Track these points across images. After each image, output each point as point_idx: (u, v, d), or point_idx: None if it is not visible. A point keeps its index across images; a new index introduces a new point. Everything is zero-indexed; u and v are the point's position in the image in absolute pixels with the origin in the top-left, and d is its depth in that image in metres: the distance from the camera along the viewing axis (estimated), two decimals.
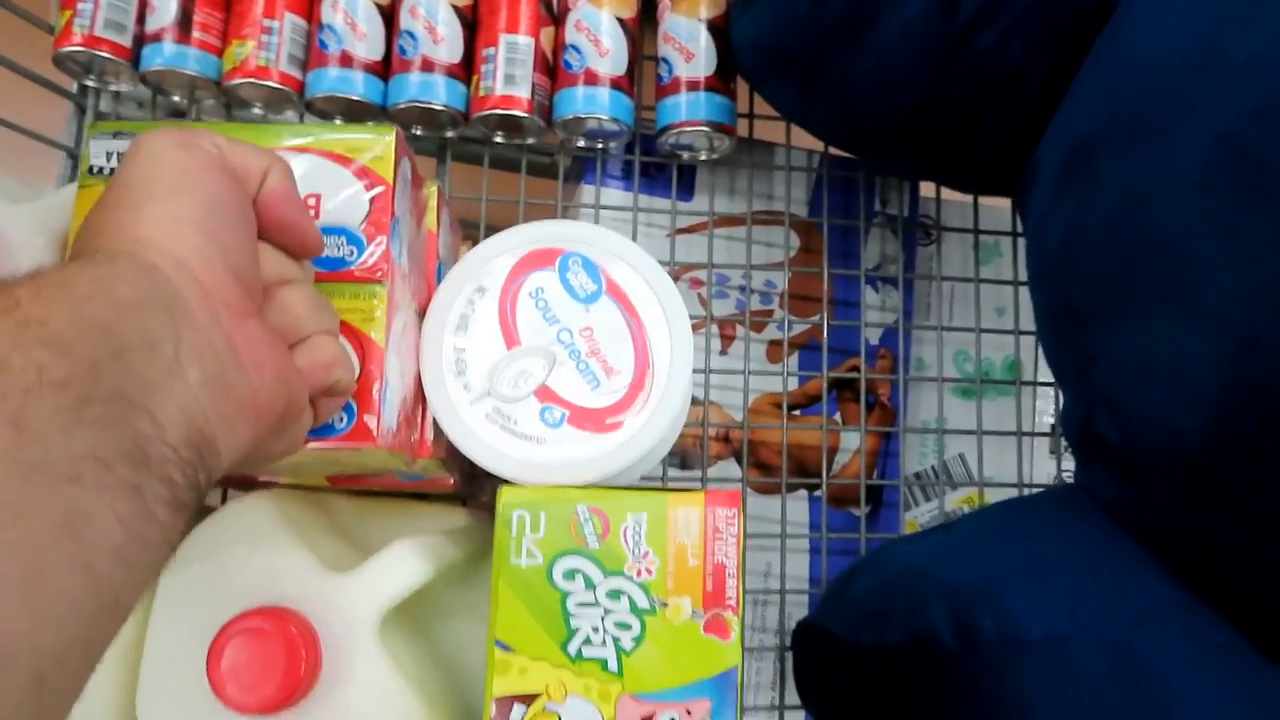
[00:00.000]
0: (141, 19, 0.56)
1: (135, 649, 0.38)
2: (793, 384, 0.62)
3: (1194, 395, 0.37)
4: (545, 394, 0.39)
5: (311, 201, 0.35)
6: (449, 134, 0.59)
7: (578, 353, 0.39)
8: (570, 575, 0.36)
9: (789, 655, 0.53)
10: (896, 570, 0.47)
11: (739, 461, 0.59)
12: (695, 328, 0.62)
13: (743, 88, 0.58)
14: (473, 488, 0.48)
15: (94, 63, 0.55)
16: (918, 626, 0.43)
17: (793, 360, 0.62)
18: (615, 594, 0.36)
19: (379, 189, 0.36)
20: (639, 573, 0.36)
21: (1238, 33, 0.35)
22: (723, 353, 0.62)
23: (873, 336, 0.63)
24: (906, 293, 0.64)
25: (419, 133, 0.59)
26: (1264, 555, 0.36)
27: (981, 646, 0.41)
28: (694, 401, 0.60)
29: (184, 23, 0.55)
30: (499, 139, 0.59)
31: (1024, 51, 0.45)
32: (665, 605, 0.36)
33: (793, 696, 0.54)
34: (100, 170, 0.36)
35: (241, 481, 0.42)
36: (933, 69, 0.46)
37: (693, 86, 0.56)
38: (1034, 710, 0.40)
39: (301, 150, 0.36)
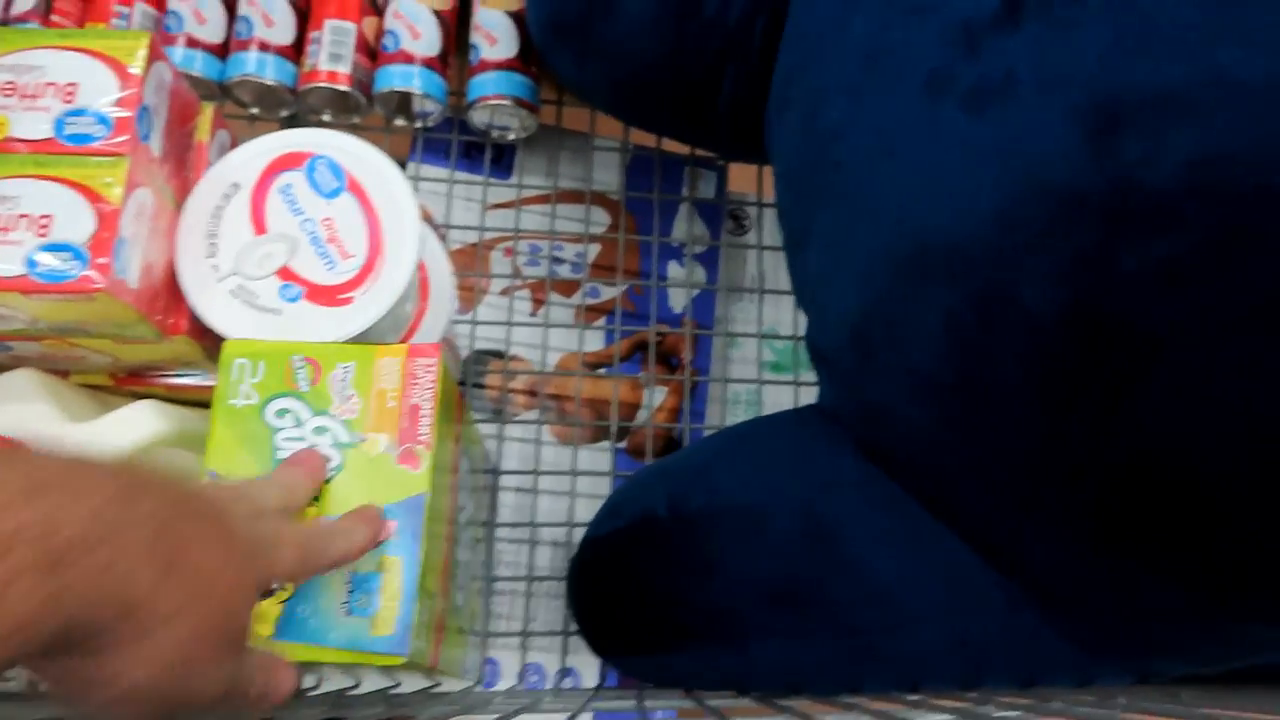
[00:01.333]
0: (8, 7, 0.62)
1: None
2: (600, 345, 0.67)
3: (852, 274, 0.42)
4: (286, 274, 0.43)
5: (70, 90, 0.41)
6: (283, 113, 0.65)
7: (318, 239, 0.44)
8: (281, 414, 0.40)
9: None
10: (641, 474, 0.51)
11: (540, 411, 0.64)
12: (504, 292, 0.67)
13: (556, 81, 0.65)
14: None
15: None
16: (642, 507, 0.47)
17: (598, 323, 0.67)
18: (321, 430, 0.40)
19: (131, 81, 0.41)
20: (343, 412, 0.40)
21: None
22: (533, 314, 0.67)
23: (678, 305, 0.69)
24: (710, 267, 0.70)
25: (255, 112, 0.65)
26: (908, 412, 0.41)
27: (690, 516, 0.45)
28: (497, 355, 0.65)
29: (46, 10, 0.62)
30: (327, 118, 0.65)
31: (742, 12, 0.52)
32: (364, 440, 0.40)
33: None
34: None
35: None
36: (669, 31, 0.53)
37: (497, 66, 0.63)
38: (728, 561, 0.43)
39: (63, 47, 0.41)
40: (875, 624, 0.43)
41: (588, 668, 0.61)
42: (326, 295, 0.43)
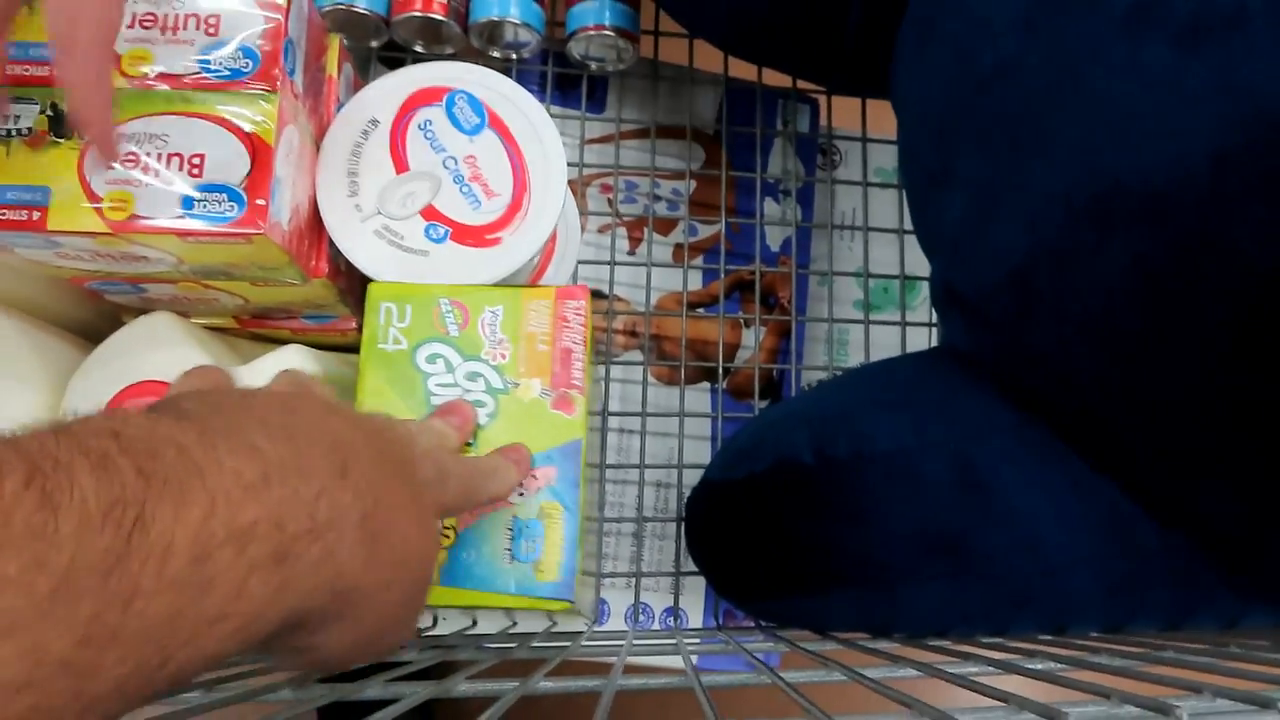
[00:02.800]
0: None
1: None
2: (697, 283, 0.66)
3: (1016, 218, 0.41)
4: (431, 213, 0.42)
5: (213, 20, 0.39)
6: (373, 44, 0.63)
7: (461, 177, 0.43)
8: (432, 359, 0.39)
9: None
10: (771, 416, 0.51)
11: (643, 351, 0.63)
12: (603, 229, 0.66)
13: (652, 10, 0.63)
14: None
15: None
16: (782, 453, 0.46)
17: (697, 262, 0.66)
18: (473, 375, 0.39)
19: (275, 9, 0.40)
20: (494, 357, 0.39)
21: None
22: (630, 252, 0.65)
23: (775, 243, 0.67)
24: (805, 205, 0.68)
25: (346, 42, 0.63)
26: (1078, 360, 0.40)
27: (836, 461, 0.44)
28: (600, 295, 0.64)
29: None
30: (419, 49, 0.63)
31: None
32: (517, 385, 0.39)
33: (689, 564, 0.57)
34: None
35: None
36: None
37: None
38: (880, 509, 0.43)
39: None
40: (1028, 570, 0.42)
41: (694, 608, 0.61)
42: (474, 235, 0.42)
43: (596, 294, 0.65)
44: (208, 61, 0.39)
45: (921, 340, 0.66)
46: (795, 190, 0.68)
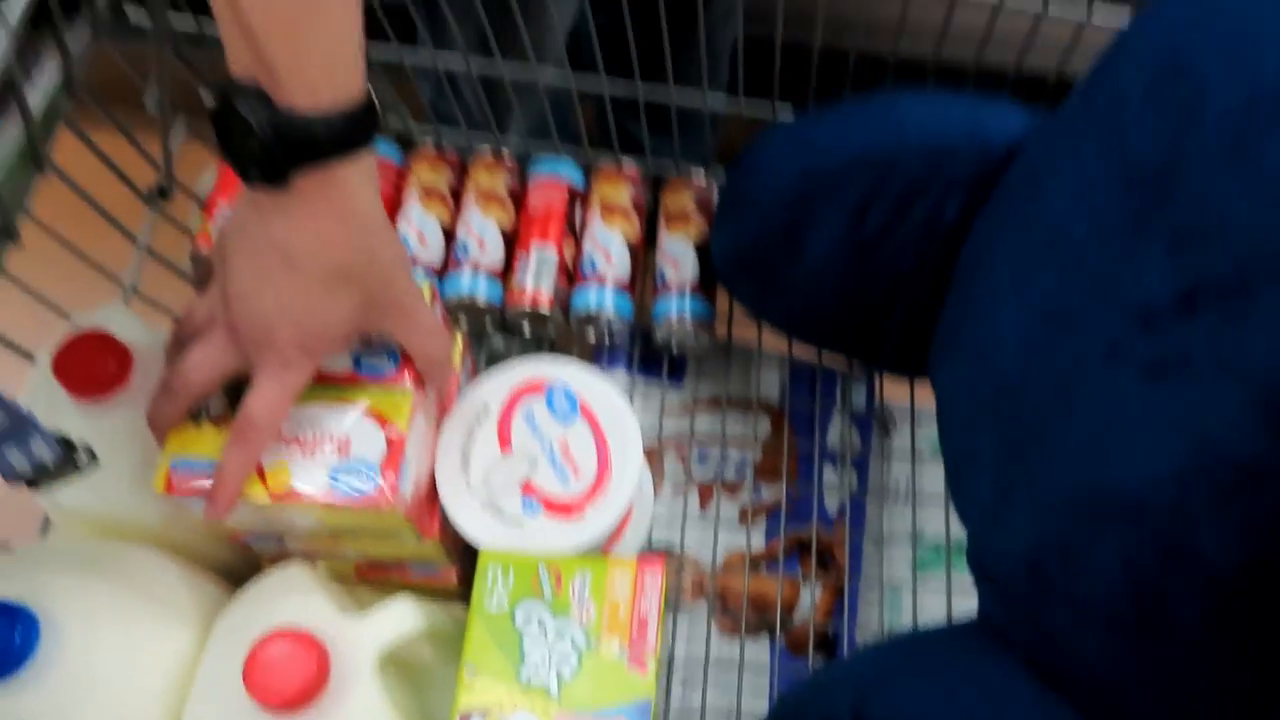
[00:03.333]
0: None
1: (187, 683, 0.48)
2: (760, 543, 0.71)
3: (1026, 507, 0.47)
4: (528, 488, 0.50)
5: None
6: (489, 326, 0.74)
7: (555, 458, 0.51)
8: (528, 618, 0.46)
9: None
10: (819, 679, 0.55)
11: (708, 604, 0.68)
12: (677, 491, 0.73)
13: (727, 299, 0.73)
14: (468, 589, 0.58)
15: None
16: (826, 713, 0.51)
17: (760, 523, 0.72)
18: (561, 634, 0.45)
19: None
20: (581, 618, 0.46)
21: (1037, 243, 0.48)
22: (700, 512, 0.72)
23: (833, 508, 0.74)
24: (861, 472, 0.75)
25: (463, 323, 0.74)
26: (1086, 641, 0.44)
27: None
28: (671, 551, 0.70)
29: None
30: (526, 331, 0.74)
31: (916, 258, 0.59)
32: (599, 644, 0.45)
33: None
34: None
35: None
36: (848, 271, 0.60)
37: (681, 290, 0.71)
38: None
39: None
40: None
41: None
42: (562, 508, 0.50)
43: (668, 551, 0.71)
44: (360, 360, 0.49)
45: (968, 603, 0.69)
46: (852, 460, 0.75)
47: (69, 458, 0.45)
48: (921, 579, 0.70)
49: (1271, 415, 0.35)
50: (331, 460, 0.46)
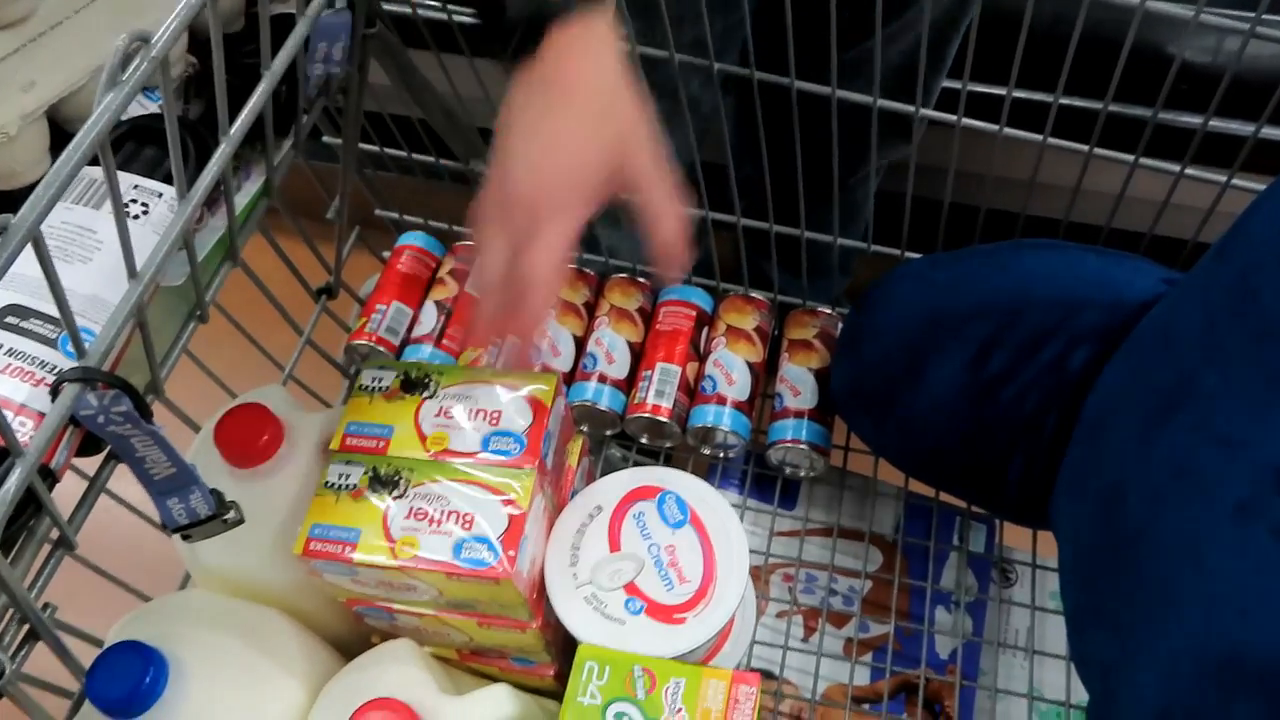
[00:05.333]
0: (411, 329, 0.79)
1: None
2: (864, 679, 0.69)
3: (1154, 667, 0.44)
4: (632, 589, 0.51)
5: (497, 414, 0.53)
6: (608, 433, 0.77)
7: (661, 562, 0.52)
8: (620, 716, 0.46)
9: None
10: None
11: None
12: (780, 615, 0.72)
13: (844, 428, 0.73)
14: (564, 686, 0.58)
15: (371, 353, 0.78)
16: None
17: (865, 659, 0.70)
18: None
19: (540, 411, 0.53)
20: None
21: (1166, 395, 0.48)
22: (804, 640, 0.71)
23: (944, 652, 0.71)
24: (976, 618, 0.72)
25: (585, 429, 0.77)
26: None
27: None
28: (768, 675, 0.69)
29: (439, 335, 0.78)
30: (644, 441, 0.76)
31: (1039, 403, 0.58)
32: None
33: None
34: (367, 388, 0.56)
35: None
36: (968, 413, 0.60)
37: (797, 414, 0.72)
38: None
39: (496, 383, 0.54)
40: None
41: None
42: (663, 613, 0.50)
43: (767, 674, 0.70)
44: (488, 443, 0.52)
45: None
46: (966, 603, 0.72)
47: (221, 513, 0.49)
48: None
49: None
50: (456, 533, 0.49)
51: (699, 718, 0.46)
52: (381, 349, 0.77)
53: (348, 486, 0.52)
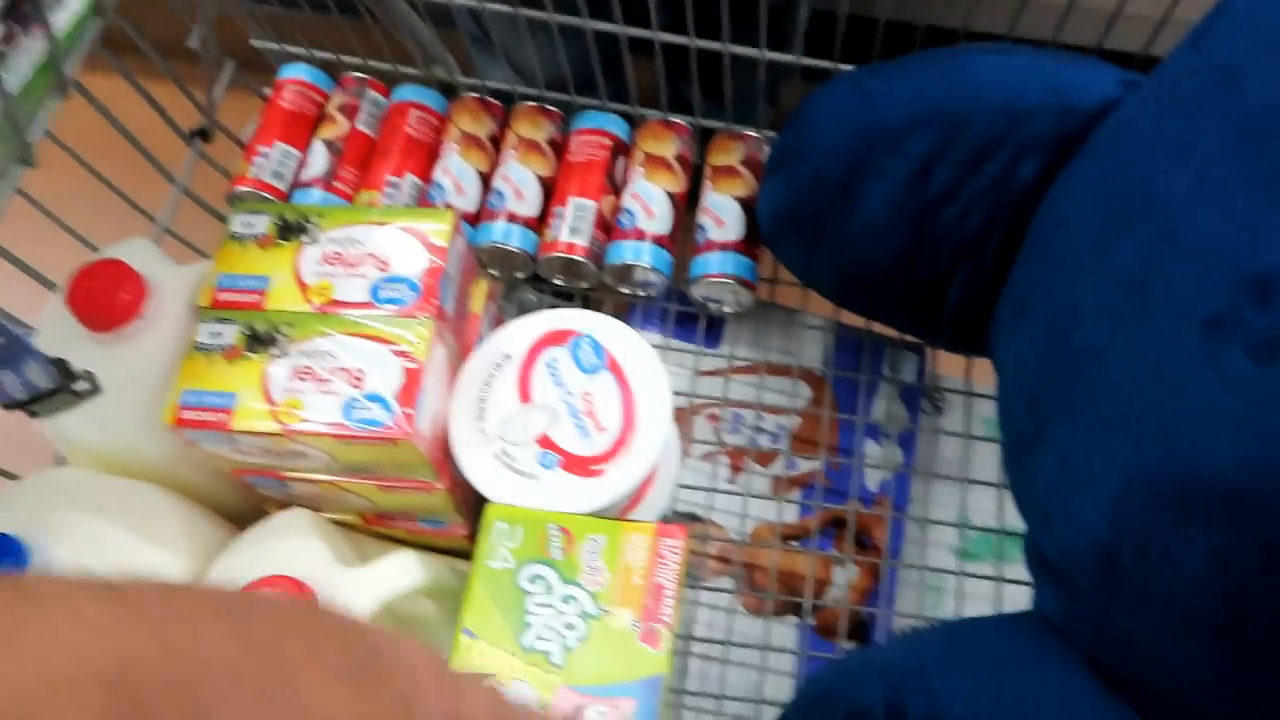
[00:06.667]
0: (299, 172, 0.71)
1: None
2: (793, 517, 0.68)
3: (1101, 492, 0.42)
4: (545, 442, 0.47)
5: (387, 260, 0.47)
6: (519, 275, 0.71)
7: (576, 411, 0.47)
8: (534, 580, 0.43)
9: None
10: (848, 664, 0.51)
11: (733, 579, 0.65)
12: (706, 457, 0.69)
13: (770, 261, 0.69)
14: None
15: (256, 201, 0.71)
16: (854, 706, 0.47)
17: (794, 496, 0.68)
18: (569, 599, 0.42)
19: (437, 254, 0.47)
20: (591, 584, 0.42)
21: (1126, 204, 0.44)
22: (730, 481, 0.69)
23: (873, 484, 0.69)
24: (907, 449, 0.71)
25: (494, 273, 0.71)
26: (1163, 643, 0.40)
27: None
28: (694, 518, 0.67)
29: (329, 177, 0.71)
30: (559, 282, 0.71)
31: (982, 221, 0.54)
32: (608, 613, 0.42)
33: None
34: (238, 236, 0.49)
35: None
36: (907, 233, 0.55)
37: (723, 247, 0.67)
38: None
39: (384, 223, 0.47)
40: None
41: None
42: (580, 465, 0.46)
43: (694, 518, 0.68)
44: (378, 291, 0.46)
45: (1018, 596, 0.65)
46: (896, 434, 0.71)
47: (66, 384, 0.43)
48: (969, 568, 0.65)
49: None
50: (346, 391, 0.44)
51: (620, 575, 0.43)
52: (268, 196, 0.69)
53: (221, 347, 0.46)
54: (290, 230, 0.49)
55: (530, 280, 0.72)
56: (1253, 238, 0.36)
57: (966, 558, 0.69)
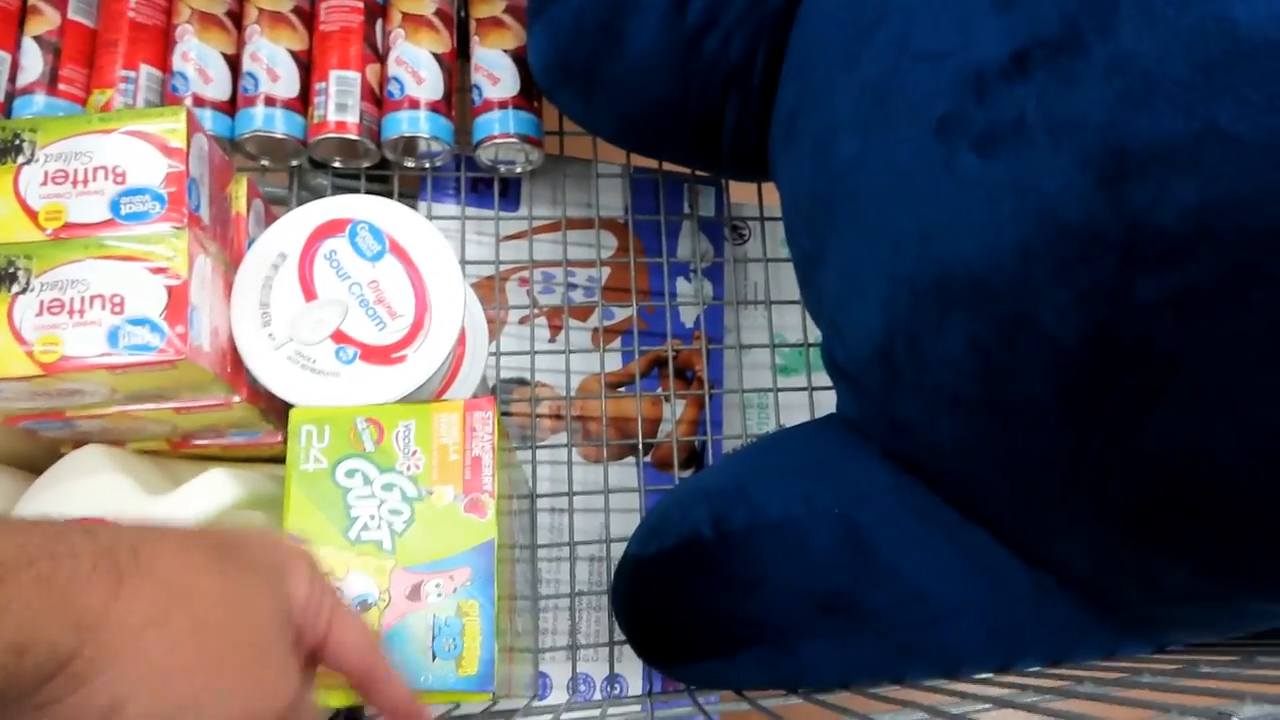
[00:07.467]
0: (13, 78, 0.64)
1: None
2: (616, 364, 0.69)
3: (874, 299, 0.45)
4: (340, 337, 0.46)
5: (122, 171, 0.43)
6: (294, 162, 0.67)
7: (366, 301, 0.46)
8: (351, 474, 0.42)
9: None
10: (679, 494, 0.54)
11: (568, 433, 0.66)
12: (523, 321, 0.69)
13: (555, 112, 0.67)
14: None
15: None
16: (685, 529, 0.50)
17: (614, 344, 0.70)
18: (389, 487, 0.42)
19: (176, 155, 0.43)
20: (409, 468, 0.42)
21: (865, 12, 0.45)
22: (550, 340, 0.69)
23: (689, 320, 0.71)
24: (716, 282, 0.73)
25: (267, 163, 0.67)
26: (937, 426, 0.44)
27: (733, 535, 0.48)
28: (521, 382, 0.68)
29: (51, 79, 0.63)
30: (338, 164, 0.67)
31: (743, 47, 0.54)
32: (431, 493, 0.42)
33: (620, 634, 0.60)
34: None
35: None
36: (674, 68, 0.55)
37: (501, 105, 0.65)
38: (774, 576, 0.46)
39: (106, 130, 0.43)
40: (915, 622, 0.46)
41: (633, 675, 0.64)
42: (380, 355, 0.45)
43: (520, 382, 0.68)
44: (118, 207, 0.43)
45: (830, 402, 0.70)
46: (704, 269, 0.72)
47: None
48: (784, 383, 0.69)
49: (1104, 174, 0.33)
50: (107, 320, 0.41)
51: (436, 455, 0.43)
52: None
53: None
54: (1, 151, 0.44)
55: (317, 166, 0.68)
56: (967, 37, 0.38)
57: (783, 373, 0.73)
